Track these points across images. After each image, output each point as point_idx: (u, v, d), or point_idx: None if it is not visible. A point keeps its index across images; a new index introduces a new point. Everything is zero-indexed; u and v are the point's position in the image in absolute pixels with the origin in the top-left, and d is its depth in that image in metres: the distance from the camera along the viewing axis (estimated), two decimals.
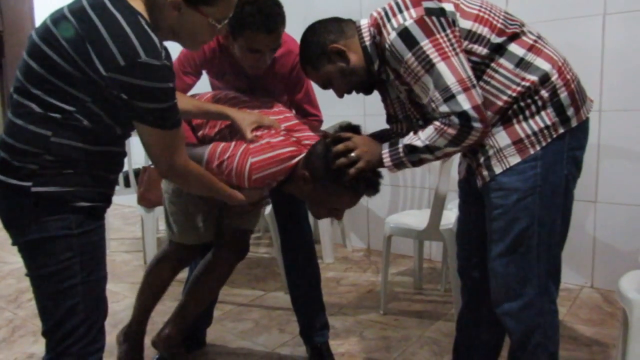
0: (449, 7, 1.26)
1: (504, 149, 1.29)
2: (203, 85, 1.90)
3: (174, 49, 1.35)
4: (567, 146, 1.29)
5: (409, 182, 3.12)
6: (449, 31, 1.23)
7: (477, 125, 1.22)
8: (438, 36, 1.23)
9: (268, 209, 2.67)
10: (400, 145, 1.33)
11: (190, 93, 1.78)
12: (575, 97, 1.29)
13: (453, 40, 1.24)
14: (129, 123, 1.16)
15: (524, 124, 1.28)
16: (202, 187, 1.41)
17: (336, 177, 1.40)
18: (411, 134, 1.33)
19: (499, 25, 1.28)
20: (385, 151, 1.36)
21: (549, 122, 1.27)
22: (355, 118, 3.08)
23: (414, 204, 3.12)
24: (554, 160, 1.28)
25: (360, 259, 3.23)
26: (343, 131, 1.47)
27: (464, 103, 1.21)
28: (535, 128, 1.27)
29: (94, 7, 1.09)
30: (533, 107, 1.27)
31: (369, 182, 1.43)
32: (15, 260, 3.31)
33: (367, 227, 3.37)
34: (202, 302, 1.90)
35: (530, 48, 1.28)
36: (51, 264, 1.12)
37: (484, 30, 1.27)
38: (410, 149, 1.31)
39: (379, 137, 1.59)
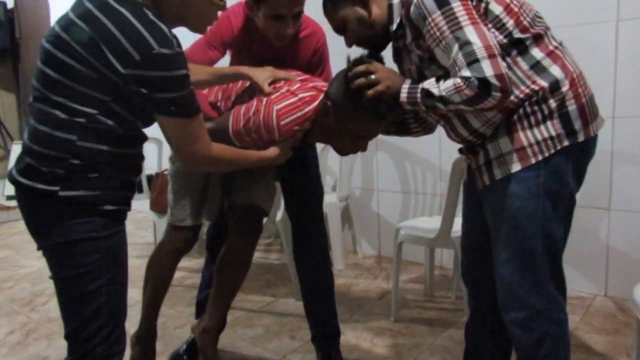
0: None
1: (506, 154, 1.29)
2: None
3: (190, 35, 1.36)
4: (572, 158, 1.28)
5: (420, 188, 3.11)
6: (477, 5, 1.24)
7: (496, 94, 1.17)
8: (469, 2, 1.22)
9: (279, 215, 2.68)
10: (420, 87, 1.29)
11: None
12: (585, 111, 1.27)
13: (480, 13, 1.24)
14: (149, 116, 1.18)
15: (528, 132, 1.27)
16: (230, 165, 1.45)
17: (356, 98, 1.38)
18: (433, 80, 1.29)
19: (525, 22, 1.27)
20: (405, 86, 1.32)
21: (553, 133, 1.26)
22: None
23: (425, 210, 3.12)
24: (558, 170, 1.27)
25: (371, 265, 3.22)
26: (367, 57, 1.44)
27: (487, 69, 1.16)
28: (539, 137, 1.26)
29: (100, 7, 1.11)
30: (539, 115, 1.26)
31: (388, 104, 1.39)
32: (29, 264, 3.35)
33: (378, 234, 3.36)
34: (231, 289, 1.88)
35: (550, 53, 1.27)
36: (78, 266, 1.14)
37: (509, 22, 1.26)
38: (427, 93, 1.27)
39: None
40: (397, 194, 3.21)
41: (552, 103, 1.25)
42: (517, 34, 1.26)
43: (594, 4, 2.38)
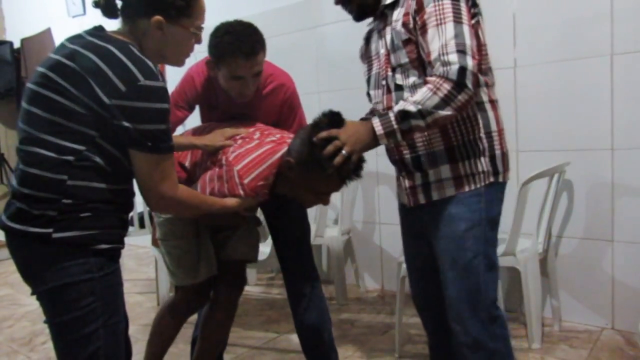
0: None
1: (445, 180, 1.42)
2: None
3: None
4: (499, 190, 1.45)
5: None
6: (474, 24, 1.36)
7: (469, 85, 1.26)
8: (470, 13, 1.34)
9: None
10: (392, 113, 1.30)
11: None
12: (504, 159, 1.45)
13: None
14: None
15: (466, 162, 1.41)
16: (194, 209, 1.40)
17: (321, 161, 1.36)
18: (401, 101, 1.32)
19: (483, 66, 1.39)
20: (376, 121, 1.32)
21: (485, 169, 1.42)
22: None
23: None
24: (492, 199, 1.43)
25: (374, 299, 3.19)
26: (325, 121, 1.41)
27: (470, 63, 1.26)
28: (475, 170, 1.41)
29: (85, 46, 1.14)
30: (476, 150, 1.41)
31: (354, 167, 1.41)
32: (29, 302, 3.32)
33: (380, 267, 3.34)
34: (216, 341, 1.89)
35: (491, 101, 1.44)
36: (74, 309, 1.13)
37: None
38: (403, 115, 1.28)
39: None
40: (399, 227, 3.19)
41: (485, 143, 1.42)
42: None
43: (588, 39, 2.43)
